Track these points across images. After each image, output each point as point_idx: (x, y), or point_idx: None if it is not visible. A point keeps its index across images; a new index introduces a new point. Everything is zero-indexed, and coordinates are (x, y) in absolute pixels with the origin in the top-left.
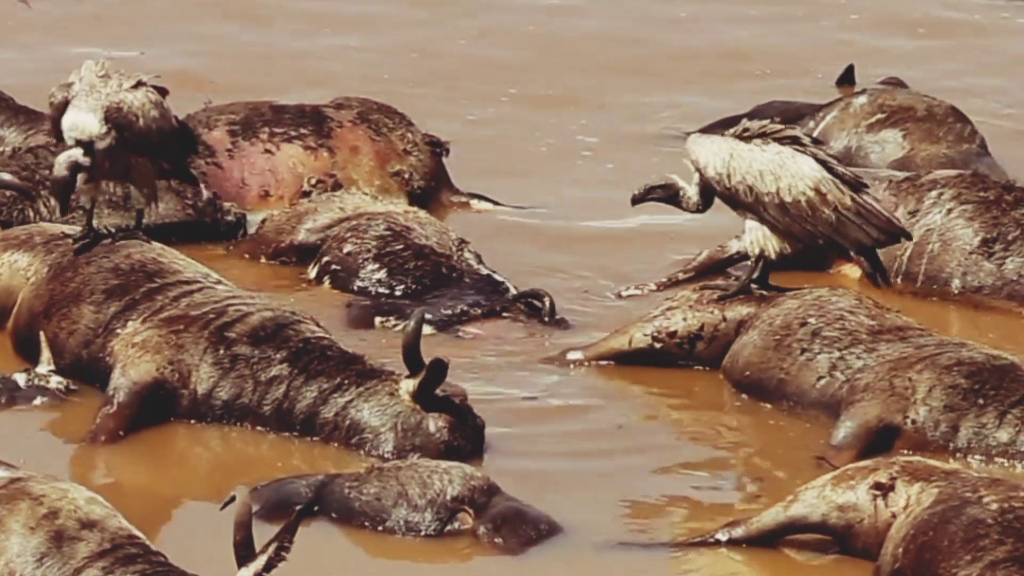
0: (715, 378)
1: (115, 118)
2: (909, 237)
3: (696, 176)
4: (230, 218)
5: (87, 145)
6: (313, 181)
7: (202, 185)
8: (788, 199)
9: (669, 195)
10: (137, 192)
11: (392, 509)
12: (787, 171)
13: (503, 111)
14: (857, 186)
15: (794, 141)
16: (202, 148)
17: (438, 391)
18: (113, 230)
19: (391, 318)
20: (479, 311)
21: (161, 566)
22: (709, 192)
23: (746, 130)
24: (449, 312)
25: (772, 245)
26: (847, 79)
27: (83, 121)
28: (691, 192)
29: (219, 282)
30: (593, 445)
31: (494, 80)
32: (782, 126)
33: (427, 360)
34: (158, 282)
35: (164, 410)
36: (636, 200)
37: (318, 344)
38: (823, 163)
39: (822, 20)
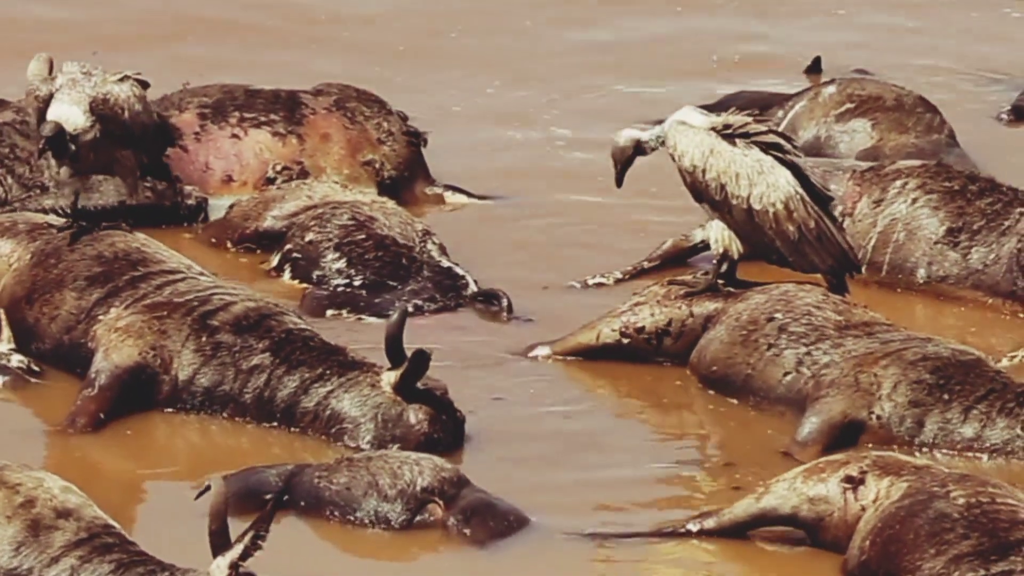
0: (682, 373)
1: (101, 110)
2: (859, 270)
3: (654, 127)
4: (190, 202)
5: (72, 138)
6: (278, 168)
7: None
8: (757, 207)
9: (638, 153)
10: (120, 183)
11: (362, 499)
12: (762, 180)
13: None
14: (825, 201)
15: (776, 148)
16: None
17: (419, 383)
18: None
19: (344, 310)
20: (432, 307)
21: (137, 555)
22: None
23: (727, 126)
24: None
25: (736, 244)
26: (814, 69)
27: (67, 114)
28: (645, 137)
29: (202, 273)
30: (561, 438)
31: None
32: (765, 127)
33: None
34: (141, 271)
35: (144, 397)
36: (619, 182)
37: (300, 335)
38: (801, 175)
39: None
